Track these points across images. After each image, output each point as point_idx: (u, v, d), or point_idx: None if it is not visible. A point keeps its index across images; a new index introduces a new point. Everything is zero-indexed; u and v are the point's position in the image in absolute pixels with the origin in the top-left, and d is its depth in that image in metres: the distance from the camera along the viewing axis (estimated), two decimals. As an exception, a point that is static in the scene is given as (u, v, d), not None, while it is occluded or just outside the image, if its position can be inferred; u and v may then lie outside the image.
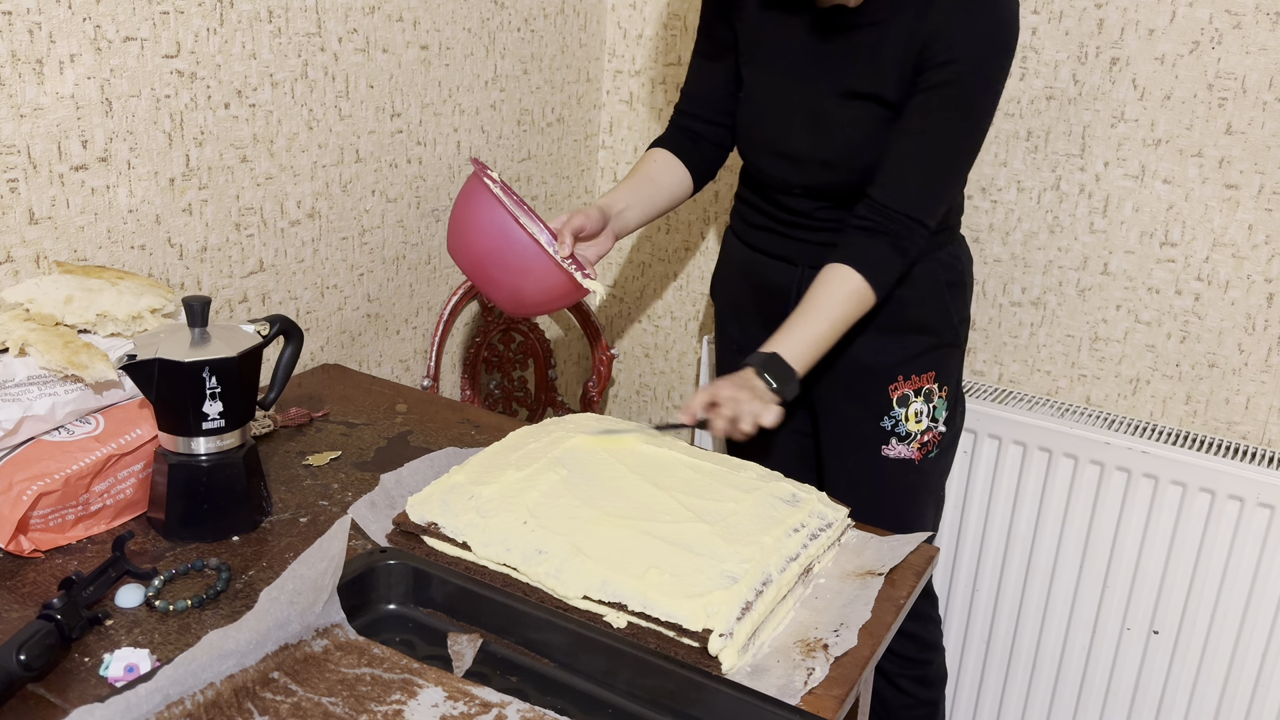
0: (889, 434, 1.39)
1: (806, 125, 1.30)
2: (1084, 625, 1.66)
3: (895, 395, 1.38)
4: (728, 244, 1.51)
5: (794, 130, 1.31)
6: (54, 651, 0.84)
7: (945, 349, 1.40)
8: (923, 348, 1.38)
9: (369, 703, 0.82)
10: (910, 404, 1.39)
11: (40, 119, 1.15)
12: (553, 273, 1.16)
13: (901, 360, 1.38)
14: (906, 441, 1.40)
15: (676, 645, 0.91)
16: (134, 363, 0.99)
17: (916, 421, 1.39)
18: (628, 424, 1.25)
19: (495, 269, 1.17)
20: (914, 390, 1.39)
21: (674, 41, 1.95)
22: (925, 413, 1.40)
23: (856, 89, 1.26)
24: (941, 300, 1.38)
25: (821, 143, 1.30)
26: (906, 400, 1.39)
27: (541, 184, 1.96)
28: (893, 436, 1.39)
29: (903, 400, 1.38)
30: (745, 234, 1.46)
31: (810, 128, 1.30)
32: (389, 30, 1.55)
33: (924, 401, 1.39)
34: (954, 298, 1.40)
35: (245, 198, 1.40)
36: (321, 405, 1.39)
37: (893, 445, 1.40)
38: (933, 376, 1.39)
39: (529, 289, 1.18)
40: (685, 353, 2.11)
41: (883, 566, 1.06)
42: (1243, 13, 1.47)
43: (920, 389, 1.39)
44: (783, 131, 1.33)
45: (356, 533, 1.08)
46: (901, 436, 1.40)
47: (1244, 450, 1.56)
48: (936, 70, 1.21)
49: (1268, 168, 1.50)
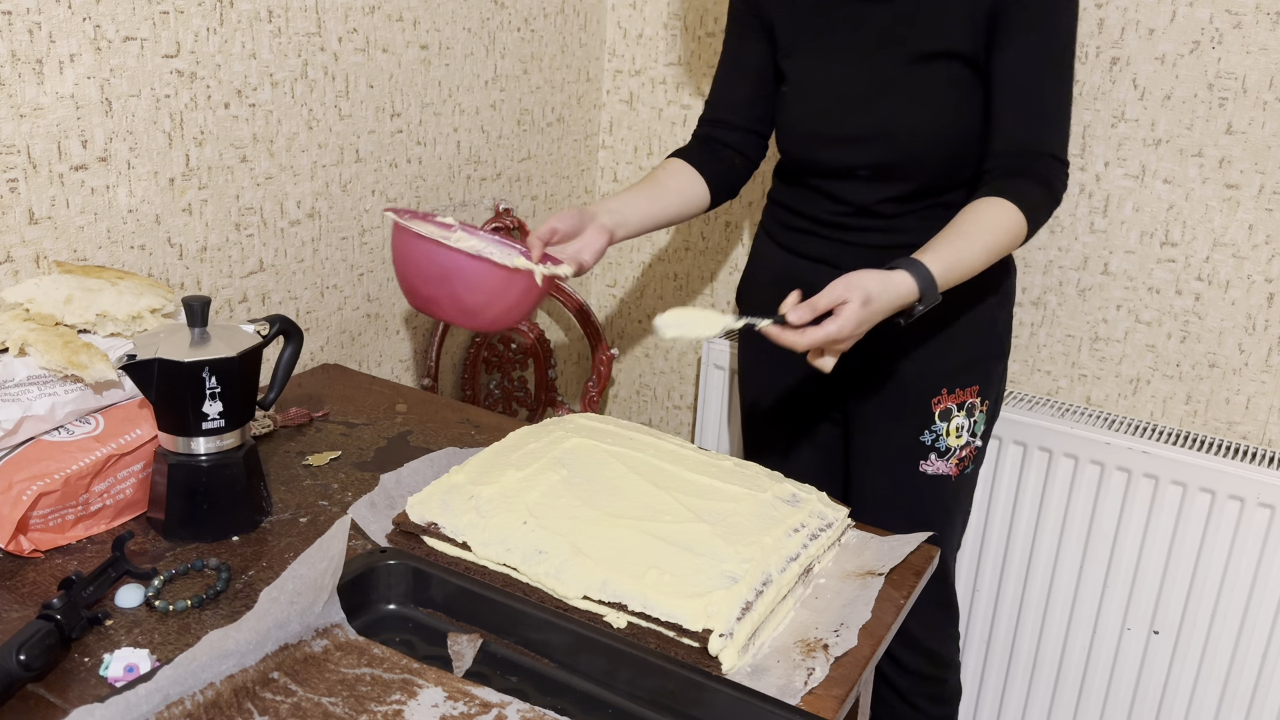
0: (929, 449, 1.33)
1: (872, 101, 1.24)
2: (1084, 625, 1.66)
3: (938, 409, 1.32)
4: (760, 247, 1.45)
5: (855, 110, 1.25)
6: (54, 651, 0.84)
7: (990, 360, 1.35)
8: (968, 360, 1.33)
9: (369, 703, 0.82)
10: (953, 418, 1.33)
11: (40, 119, 1.15)
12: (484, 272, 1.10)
13: (947, 373, 1.32)
14: (946, 457, 1.34)
15: (676, 645, 0.91)
16: (134, 363, 0.99)
17: (957, 437, 1.34)
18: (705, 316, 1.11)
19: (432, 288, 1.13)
20: (957, 404, 1.32)
21: (674, 41, 1.95)
22: (966, 427, 1.34)
23: (927, 49, 1.20)
24: (987, 308, 1.33)
25: (894, 116, 1.23)
26: (949, 415, 1.33)
27: (541, 184, 1.96)
28: (932, 452, 1.34)
29: (945, 415, 1.32)
30: (781, 236, 1.40)
31: (877, 103, 1.24)
32: (389, 30, 1.54)
33: (965, 416, 1.33)
34: (999, 305, 1.34)
35: (245, 198, 1.40)
36: (321, 405, 1.39)
37: (931, 461, 1.34)
38: (976, 390, 1.33)
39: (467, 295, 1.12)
40: (685, 352, 2.11)
41: (883, 566, 1.06)
42: (1243, 12, 1.47)
43: (964, 403, 1.33)
44: (842, 115, 1.26)
45: (356, 533, 1.08)
46: (941, 452, 1.34)
47: (1244, 450, 1.56)
48: (1016, 7, 1.16)
49: (1268, 168, 1.50)
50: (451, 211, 1.75)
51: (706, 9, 1.90)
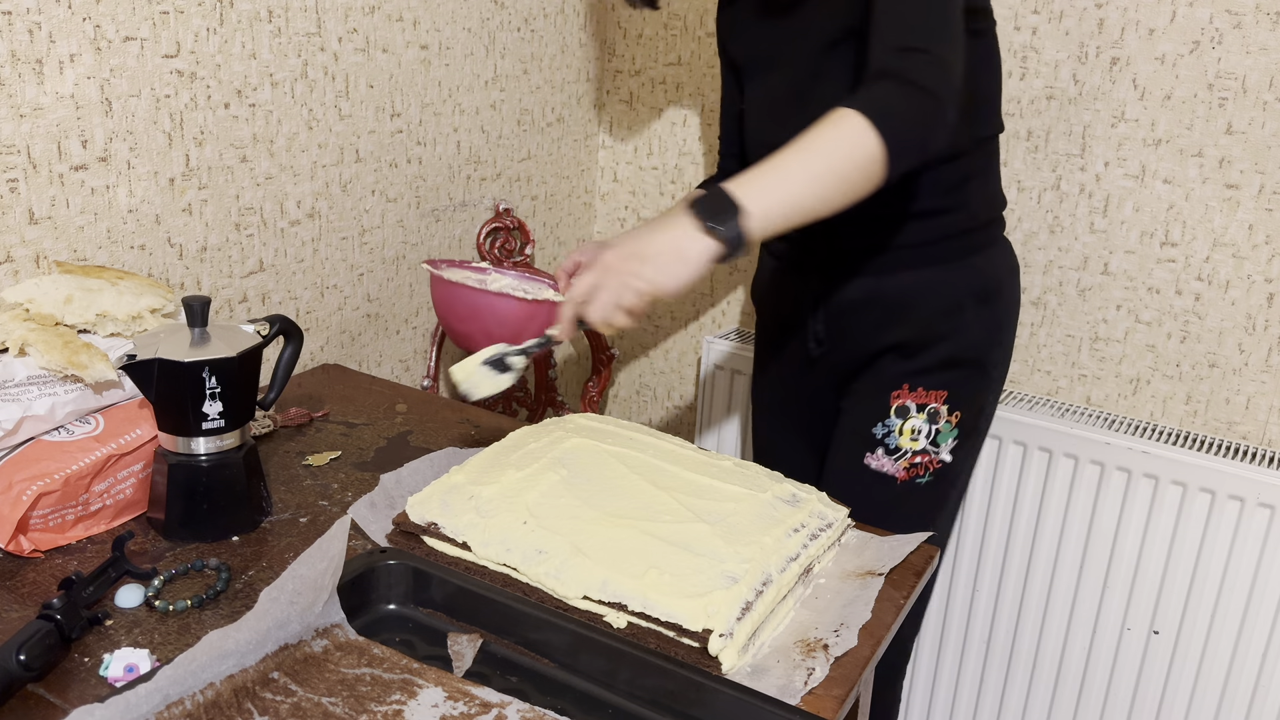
0: (877, 442, 1.29)
1: (805, 98, 1.22)
2: (1084, 625, 1.66)
3: (896, 403, 1.28)
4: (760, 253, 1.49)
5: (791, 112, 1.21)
6: (54, 651, 0.84)
7: (966, 371, 1.28)
8: (938, 363, 1.27)
9: (369, 703, 0.82)
10: (909, 417, 1.27)
11: (40, 119, 1.15)
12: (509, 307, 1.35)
13: (913, 371, 1.27)
14: (894, 456, 1.28)
15: (676, 645, 0.91)
16: (134, 363, 0.99)
17: (911, 439, 1.27)
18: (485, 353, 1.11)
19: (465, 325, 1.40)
20: (917, 404, 1.27)
21: (674, 41, 1.95)
22: (925, 433, 1.27)
23: (831, 37, 1.17)
24: (961, 314, 1.25)
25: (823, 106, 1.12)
26: (906, 412, 1.27)
27: (541, 184, 1.96)
28: (880, 446, 1.29)
29: (901, 411, 1.27)
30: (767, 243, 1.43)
31: (809, 99, 1.21)
32: (389, 30, 1.54)
33: (926, 421, 1.27)
34: (980, 313, 1.27)
35: (245, 198, 1.40)
36: (321, 405, 1.39)
37: (878, 456, 1.29)
38: (944, 397, 1.27)
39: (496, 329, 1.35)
40: (685, 353, 2.11)
41: (883, 566, 1.06)
42: (1243, 12, 1.47)
43: (925, 405, 1.27)
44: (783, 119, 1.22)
45: (356, 533, 1.08)
46: (890, 450, 1.28)
47: (1244, 450, 1.56)
48: None
49: (1268, 168, 1.50)
50: (451, 211, 1.75)
51: (706, 9, 1.90)
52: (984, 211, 1.29)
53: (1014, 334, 1.34)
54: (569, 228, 2.08)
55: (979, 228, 1.28)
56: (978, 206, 1.28)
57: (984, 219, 1.29)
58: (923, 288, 1.26)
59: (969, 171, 1.26)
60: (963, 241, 1.26)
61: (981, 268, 1.28)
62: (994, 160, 1.30)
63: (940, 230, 1.26)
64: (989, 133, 1.28)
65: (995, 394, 1.35)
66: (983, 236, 1.29)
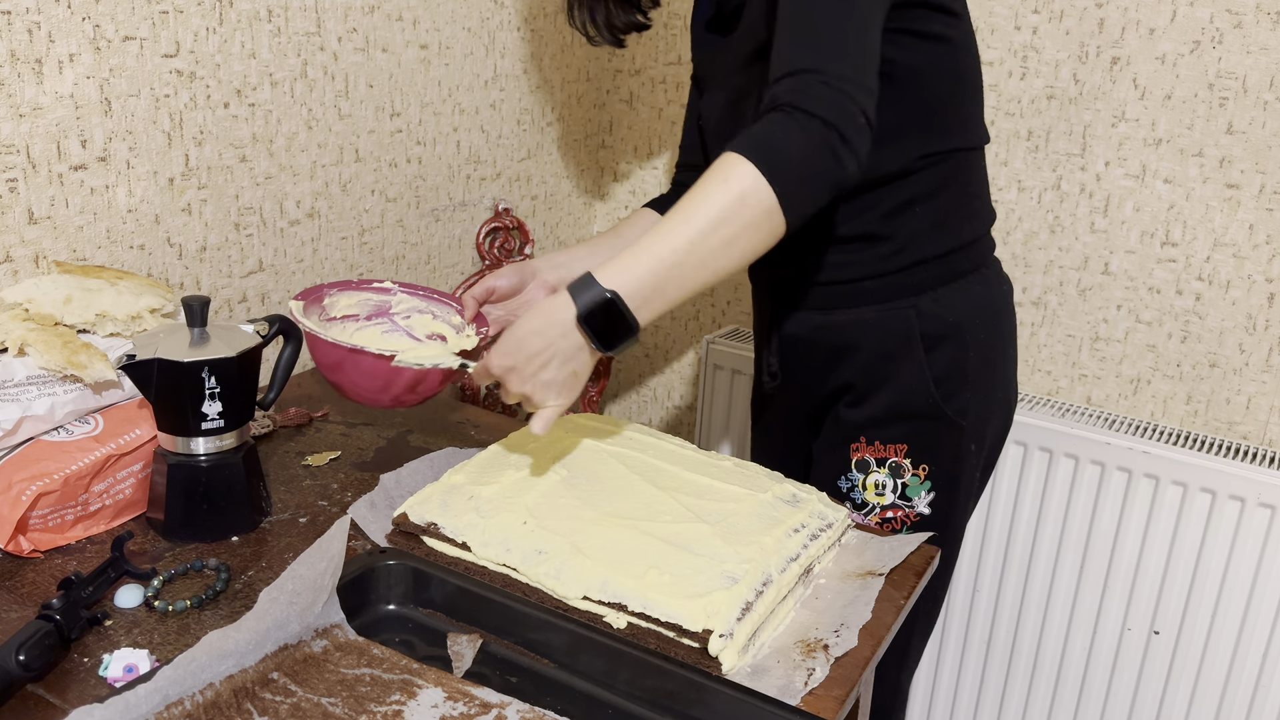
0: (844, 496, 1.20)
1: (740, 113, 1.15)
2: (1084, 625, 1.66)
3: (855, 456, 1.18)
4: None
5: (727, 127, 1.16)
6: (53, 652, 0.83)
7: (923, 423, 1.15)
8: (886, 414, 1.15)
9: (369, 703, 0.82)
10: (870, 471, 1.17)
11: (39, 119, 1.15)
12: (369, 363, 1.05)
13: (865, 421, 1.16)
14: (863, 511, 1.19)
15: (676, 646, 0.90)
16: (133, 363, 0.99)
17: (877, 494, 1.18)
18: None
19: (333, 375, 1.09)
20: (876, 459, 1.16)
21: (674, 41, 1.95)
22: (890, 487, 1.17)
23: (749, 51, 1.10)
24: (898, 362, 1.13)
25: (741, 123, 1.12)
26: (866, 466, 1.17)
27: (541, 184, 1.96)
28: (848, 501, 1.20)
29: (862, 465, 1.17)
30: None
31: (735, 120, 1.15)
32: (389, 30, 1.54)
33: (889, 475, 1.16)
34: (934, 358, 1.13)
35: (244, 197, 1.40)
36: (321, 405, 1.39)
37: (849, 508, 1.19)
38: (903, 450, 1.15)
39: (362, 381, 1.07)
40: (685, 352, 2.11)
41: (883, 567, 1.06)
42: (1243, 12, 1.47)
43: (885, 460, 1.16)
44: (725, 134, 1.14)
45: (356, 533, 1.07)
46: (857, 504, 1.19)
47: (1245, 450, 1.56)
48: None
49: (1268, 167, 1.50)
50: (451, 211, 1.75)
51: (706, 9, 1.90)
52: (937, 243, 1.13)
53: (998, 374, 1.20)
54: (569, 228, 2.08)
55: (930, 260, 1.13)
56: (925, 237, 1.12)
57: (938, 251, 1.13)
58: (859, 330, 1.15)
59: (913, 195, 1.11)
60: (905, 279, 1.12)
61: (927, 309, 1.13)
62: (955, 182, 1.13)
63: (875, 264, 1.13)
64: (947, 147, 1.11)
65: (983, 440, 1.20)
66: (936, 271, 1.13)
